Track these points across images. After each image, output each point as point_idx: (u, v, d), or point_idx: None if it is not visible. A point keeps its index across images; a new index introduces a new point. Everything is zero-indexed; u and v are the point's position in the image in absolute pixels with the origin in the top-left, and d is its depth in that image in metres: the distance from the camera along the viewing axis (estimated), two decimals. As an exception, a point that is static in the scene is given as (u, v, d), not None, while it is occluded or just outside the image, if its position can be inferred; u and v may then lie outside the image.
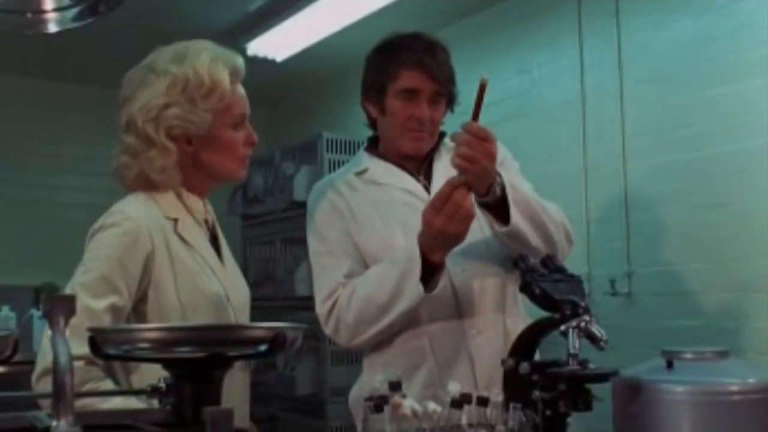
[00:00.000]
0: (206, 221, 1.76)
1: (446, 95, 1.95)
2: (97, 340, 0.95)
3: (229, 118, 1.69)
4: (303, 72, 5.17)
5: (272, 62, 4.76)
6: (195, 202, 1.73)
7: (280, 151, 4.66)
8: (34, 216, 5.35)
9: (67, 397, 0.80)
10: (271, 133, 5.62)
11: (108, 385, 1.50)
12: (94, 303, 1.51)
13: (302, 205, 4.23)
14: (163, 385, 0.97)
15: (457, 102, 2.00)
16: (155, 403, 1.04)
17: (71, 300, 0.82)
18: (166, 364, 0.95)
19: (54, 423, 0.81)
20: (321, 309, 1.88)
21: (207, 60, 1.66)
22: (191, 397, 0.93)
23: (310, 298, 1.99)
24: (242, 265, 4.86)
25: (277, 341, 0.94)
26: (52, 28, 1.51)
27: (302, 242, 4.38)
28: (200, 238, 1.70)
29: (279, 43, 4.55)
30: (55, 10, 1.49)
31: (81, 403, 1.33)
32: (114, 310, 1.53)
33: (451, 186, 1.65)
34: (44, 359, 1.47)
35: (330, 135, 4.35)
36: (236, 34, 4.41)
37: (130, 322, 1.57)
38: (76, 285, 1.54)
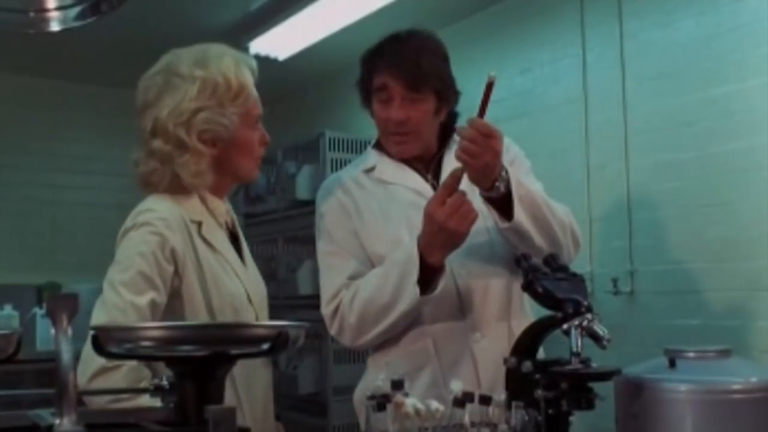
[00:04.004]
0: (226, 222, 1.78)
1: (429, 93, 1.87)
2: (99, 339, 0.95)
3: (250, 119, 1.73)
4: (305, 70, 5.17)
5: (274, 61, 4.76)
6: (217, 205, 1.75)
7: (282, 149, 4.66)
8: (37, 215, 5.35)
9: (70, 396, 0.80)
10: (273, 132, 5.59)
11: None
12: (138, 299, 1.53)
13: (304, 203, 4.27)
14: (166, 383, 0.97)
15: (454, 96, 1.95)
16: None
17: (74, 299, 0.82)
18: (169, 362, 0.96)
19: (57, 421, 0.81)
20: (325, 310, 1.88)
21: (231, 64, 1.69)
22: (194, 395, 0.93)
23: (313, 297, 2.00)
24: (244, 263, 4.86)
25: (279, 340, 0.95)
26: (55, 26, 1.51)
27: (304, 241, 4.38)
28: (223, 241, 1.72)
29: (281, 41, 4.55)
30: (58, 9, 1.49)
31: (109, 399, 1.34)
32: (154, 305, 1.55)
33: (454, 177, 1.66)
34: (94, 361, 1.47)
35: (332, 134, 4.35)
36: (238, 33, 4.41)
37: (164, 319, 1.59)
38: (117, 284, 1.55)
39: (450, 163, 1.93)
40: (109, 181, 5.23)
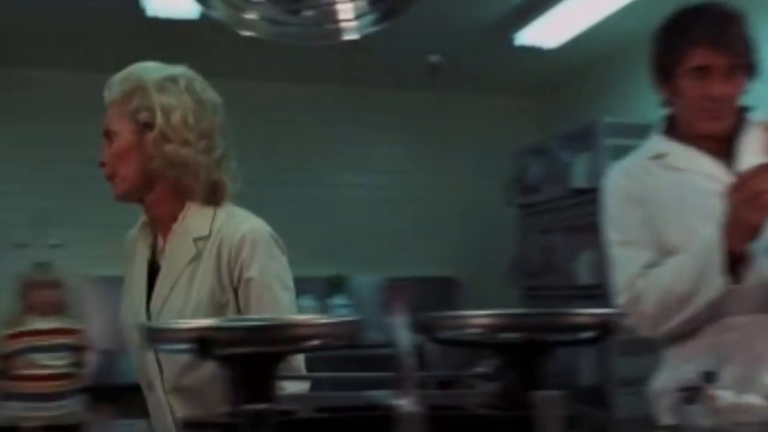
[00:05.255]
0: (195, 240, 1.72)
1: (743, 68, 1.83)
2: (429, 327, 1.01)
3: None
4: (576, 58, 5.07)
5: (541, 50, 4.74)
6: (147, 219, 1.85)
7: (556, 139, 4.63)
8: (323, 213, 5.72)
9: (411, 378, 0.86)
10: (543, 122, 5.57)
11: None
12: None
13: (581, 192, 4.21)
14: (490, 370, 1.01)
15: (759, 71, 1.87)
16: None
17: (408, 288, 0.88)
18: (496, 349, 1.00)
19: (397, 402, 0.87)
20: (621, 300, 1.85)
21: None
22: (519, 381, 0.96)
23: (591, 287, 1.97)
24: (519, 254, 4.89)
25: (605, 328, 0.95)
26: (351, 35, 1.61)
27: (583, 230, 4.30)
28: (138, 257, 1.82)
29: (548, 31, 4.53)
30: (353, 19, 1.59)
31: None
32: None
33: (761, 170, 1.59)
34: None
35: (610, 120, 4.25)
36: (504, 26, 4.44)
37: None
38: None
39: (745, 143, 1.85)
40: (384, 179, 5.49)
